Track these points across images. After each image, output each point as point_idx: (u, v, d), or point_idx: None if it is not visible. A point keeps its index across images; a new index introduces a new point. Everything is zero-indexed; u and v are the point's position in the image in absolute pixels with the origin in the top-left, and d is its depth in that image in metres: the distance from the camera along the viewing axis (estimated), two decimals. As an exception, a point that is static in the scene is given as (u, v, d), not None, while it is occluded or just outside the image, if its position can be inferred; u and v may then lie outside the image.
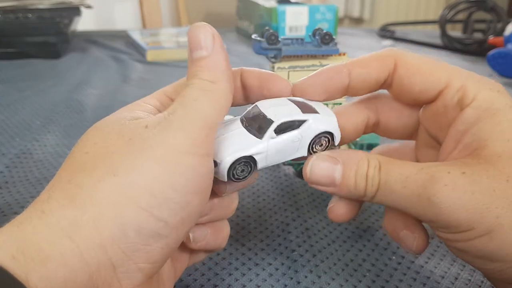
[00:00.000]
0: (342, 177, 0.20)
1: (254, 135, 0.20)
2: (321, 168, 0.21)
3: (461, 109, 0.21)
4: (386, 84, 0.22)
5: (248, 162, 0.20)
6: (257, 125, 0.20)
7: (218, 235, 0.23)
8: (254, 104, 0.22)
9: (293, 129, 0.20)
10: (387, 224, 0.22)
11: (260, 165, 0.20)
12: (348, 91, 0.23)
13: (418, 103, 0.23)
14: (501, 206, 0.18)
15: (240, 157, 0.19)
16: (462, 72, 0.22)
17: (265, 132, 0.20)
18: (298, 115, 0.20)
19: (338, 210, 0.22)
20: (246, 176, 0.20)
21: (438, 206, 0.18)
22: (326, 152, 0.21)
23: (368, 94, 0.24)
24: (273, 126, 0.20)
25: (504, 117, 0.20)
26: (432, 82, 0.21)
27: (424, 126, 0.24)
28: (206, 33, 0.20)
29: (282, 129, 0.20)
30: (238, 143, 0.20)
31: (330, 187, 0.21)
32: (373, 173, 0.20)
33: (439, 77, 0.21)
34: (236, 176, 0.20)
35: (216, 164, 0.19)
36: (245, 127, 0.21)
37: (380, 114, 0.24)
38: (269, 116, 0.20)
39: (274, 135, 0.20)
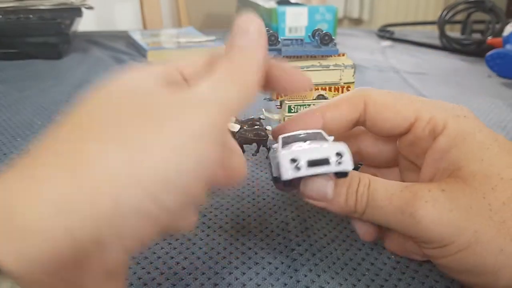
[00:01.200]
0: (333, 193, 0.22)
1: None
2: (314, 183, 0.22)
3: (433, 138, 0.22)
4: (359, 122, 0.24)
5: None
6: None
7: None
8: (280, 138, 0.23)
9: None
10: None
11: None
12: None
13: (392, 136, 0.25)
14: (478, 222, 0.19)
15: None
16: (429, 104, 0.23)
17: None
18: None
19: (361, 229, 0.24)
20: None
21: (420, 221, 0.20)
22: None
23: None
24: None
25: (474, 140, 0.21)
26: (401, 118, 0.23)
27: (402, 154, 0.26)
28: (255, 25, 0.19)
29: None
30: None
31: (322, 202, 0.22)
32: (362, 191, 0.22)
33: (407, 113, 0.23)
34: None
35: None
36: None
37: (361, 144, 0.27)
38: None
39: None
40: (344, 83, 0.36)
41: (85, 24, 0.88)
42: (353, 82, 0.36)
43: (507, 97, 0.57)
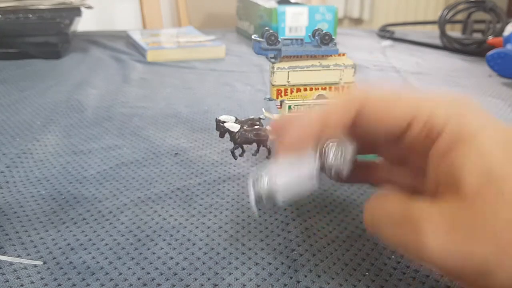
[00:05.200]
0: None
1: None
2: None
3: (432, 142, 0.21)
4: (357, 123, 0.24)
5: None
6: None
7: None
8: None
9: None
10: None
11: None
12: (319, 139, 0.24)
13: (391, 136, 0.24)
14: (485, 247, 0.18)
15: None
16: (429, 100, 0.22)
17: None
18: None
19: None
20: None
21: (423, 252, 0.19)
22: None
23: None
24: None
25: (474, 144, 0.19)
26: (398, 117, 0.22)
27: (407, 153, 0.25)
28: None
29: None
30: None
31: None
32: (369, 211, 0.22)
33: (404, 112, 0.22)
34: None
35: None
36: None
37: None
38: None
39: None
40: (345, 83, 0.36)
41: (84, 23, 0.88)
42: (353, 82, 0.36)
43: (507, 96, 0.57)
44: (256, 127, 0.36)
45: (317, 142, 0.24)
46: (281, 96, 0.35)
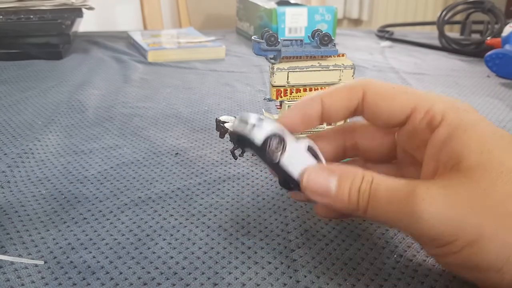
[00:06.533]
0: (337, 189, 0.22)
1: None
2: (318, 178, 0.22)
3: (431, 131, 0.22)
4: (358, 111, 0.24)
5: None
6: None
7: None
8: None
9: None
10: None
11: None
12: (323, 119, 0.25)
13: (390, 127, 0.25)
14: (480, 216, 0.19)
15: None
16: (429, 96, 0.23)
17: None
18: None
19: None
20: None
21: (419, 221, 0.19)
22: (326, 165, 0.23)
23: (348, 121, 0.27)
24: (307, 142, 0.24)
25: (474, 132, 0.21)
26: (399, 108, 0.23)
27: (401, 146, 0.25)
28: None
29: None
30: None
31: (325, 198, 0.22)
32: (364, 188, 0.21)
33: (405, 103, 0.23)
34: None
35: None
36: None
37: (358, 138, 0.27)
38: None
39: (306, 147, 0.24)
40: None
41: (85, 24, 0.88)
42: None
43: (506, 97, 0.57)
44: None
45: (317, 123, 0.25)
46: (281, 97, 0.36)
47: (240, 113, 0.24)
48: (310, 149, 0.24)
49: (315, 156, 0.25)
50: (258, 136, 0.22)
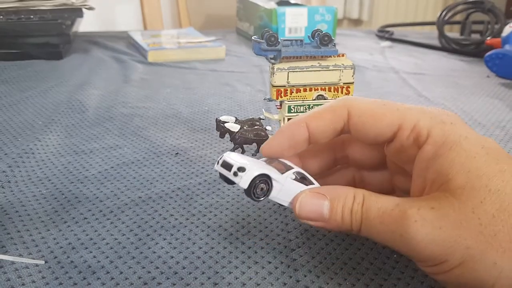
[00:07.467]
0: (329, 212, 0.22)
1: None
2: (309, 204, 0.23)
3: (418, 147, 0.22)
4: (344, 131, 0.24)
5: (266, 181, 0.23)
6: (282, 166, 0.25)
7: None
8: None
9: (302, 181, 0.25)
10: None
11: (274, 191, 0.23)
12: (310, 142, 0.25)
13: (378, 144, 0.25)
14: (469, 237, 0.19)
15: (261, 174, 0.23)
16: (414, 111, 0.23)
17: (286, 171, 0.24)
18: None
19: None
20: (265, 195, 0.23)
21: (412, 242, 0.20)
22: (315, 189, 0.24)
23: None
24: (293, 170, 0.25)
25: (461, 148, 0.21)
26: (385, 126, 0.23)
27: (390, 159, 0.26)
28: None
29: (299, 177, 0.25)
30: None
31: (319, 222, 0.23)
32: (356, 209, 0.21)
33: (390, 120, 0.23)
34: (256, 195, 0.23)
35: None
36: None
37: (348, 151, 0.27)
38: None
39: (293, 176, 0.24)
40: (344, 83, 0.36)
41: (86, 24, 0.88)
42: (352, 83, 0.36)
43: (506, 97, 0.57)
44: (256, 127, 0.37)
45: (305, 146, 0.25)
46: (281, 97, 0.36)
47: (221, 154, 0.25)
48: (299, 174, 0.25)
49: (305, 179, 0.25)
50: (243, 184, 0.23)
